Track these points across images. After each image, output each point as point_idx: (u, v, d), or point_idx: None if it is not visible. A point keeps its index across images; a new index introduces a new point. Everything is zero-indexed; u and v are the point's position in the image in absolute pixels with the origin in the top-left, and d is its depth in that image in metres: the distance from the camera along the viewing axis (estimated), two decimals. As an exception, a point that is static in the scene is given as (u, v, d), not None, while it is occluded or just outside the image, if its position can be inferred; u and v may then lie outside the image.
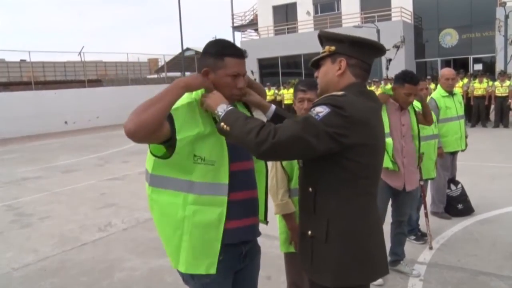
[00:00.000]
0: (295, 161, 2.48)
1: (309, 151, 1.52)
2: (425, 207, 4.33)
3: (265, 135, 1.48)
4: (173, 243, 1.79)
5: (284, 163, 2.52)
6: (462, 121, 5.06)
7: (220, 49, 1.79)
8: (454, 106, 4.97)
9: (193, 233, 1.75)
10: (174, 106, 1.70)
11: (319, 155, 1.55)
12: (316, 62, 1.78)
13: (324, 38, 1.76)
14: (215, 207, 1.76)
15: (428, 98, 4.94)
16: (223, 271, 1.83)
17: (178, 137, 1.67)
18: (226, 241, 1.78)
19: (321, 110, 1.52)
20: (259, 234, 2.01)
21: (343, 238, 1.63)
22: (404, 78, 3.45)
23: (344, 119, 1.51)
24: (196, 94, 1.82)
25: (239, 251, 1.89)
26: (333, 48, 1.69)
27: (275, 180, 2.52)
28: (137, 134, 1.58)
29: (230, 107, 1.66)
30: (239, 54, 1.80)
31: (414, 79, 3.47)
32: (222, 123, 1.61)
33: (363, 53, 1.69)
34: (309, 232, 1.68)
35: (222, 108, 1.65)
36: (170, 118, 1.67)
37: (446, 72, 5.02)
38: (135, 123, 1.57)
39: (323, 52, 1.74)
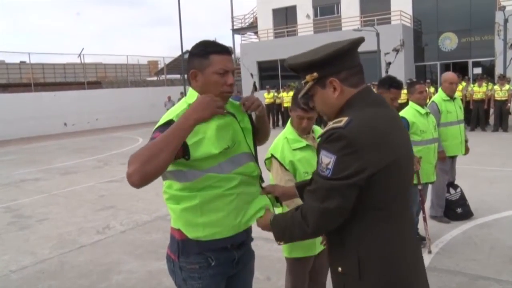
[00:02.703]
0: (296, 164, 2.47)
1: (344, 211, 1.41)
2: (423, 211, 4.32)
3: (301, 228, 1.48)
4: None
5: (286, 164, 2.48)
6: (462, 125, 5.06)
7: (204, 48, 1.77)
8: (455, 111, 4.97)
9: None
10: (174, 115, 1.72)
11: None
12: (306, 95, 1.61)
13: (299, 69, 1.56)
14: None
15: (429, 102, 4.94)
16: (215, 277, 1.84)
17: (189, 143, 1.68)
18: (219, 244, 1.81)
19: (328, 161, 1.40)
20: (251, 239, 2.02)
21: (378, 273, 1.45)
22: (390, 83, 3.62)
23: (354, 155, 1.37)
24: (191, 98, 1.80)
25: (231, 257, 1.88)
26: (315, 74, 1.51)
27: (279, 179, 2.45)
28: (142, 185, 1.52)
29: (271, 222, 1.69)
30: (224, 50, 1.78)
31: (399, 84, 3.65)
32: (277, 242, 1.66)
33: (346, 59, 1.49)
34: (339, 269, 1.51)
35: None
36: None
37: (450, 76, 5.01)
38: (141, 177, 1.48)
39: (306, 83, 1.55)
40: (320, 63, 1.49)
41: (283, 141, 2.54)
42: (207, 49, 1.76)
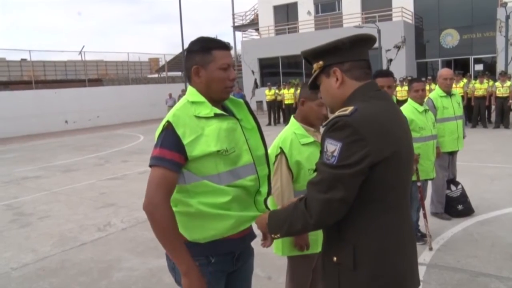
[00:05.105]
0: (303, 163, 2.46)
1: (348, 202, 1.41)
2: (423, 208, 4.31)
3: (304, 219, 1.46)
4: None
5: (291, 163, 2.47)
6: (460, 121, 5.05)
7: (205, 44, 1.78)
8: (452, 106, 4.96)
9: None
10: (171, 115, 1.73)
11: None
12: (313, 84, 1.67)
13: (309, 56, 1.63)
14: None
15: (426, 98, 4.93)
16: (215, 274, 1.84)
17: (185, 142, 1.68)
18: (216, 251, 1.82)
19: (333, 149, 1.40)
20: (254, 236, 2.00)
21: (373, 264, 1.46)
22: (375, 74, 3.64)
23: (358, 143, 1.38)
24: (191, 96, 1.81)
25: (231, 255, 1.88)
26: (321, 63, 1.57)
27: (280, 183, 2.46)
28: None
29: (268, 215, 1.68)
30: (225, 45, 1.81)
31: (383, 72, 3.69)
32: (272, 235, 1.65)
33: (351, 52, 1.54)
34: (335, 259, 1.52)
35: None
36: (173, 131, 1.68)
37: (444, 72, 5.04)
38: (149, 216, 1.67)
39: (314, 71, 1.62)
40: (326, 51, 1.55)
41: (291, 135, 2.50)
42: (209, 45, 1.77)
